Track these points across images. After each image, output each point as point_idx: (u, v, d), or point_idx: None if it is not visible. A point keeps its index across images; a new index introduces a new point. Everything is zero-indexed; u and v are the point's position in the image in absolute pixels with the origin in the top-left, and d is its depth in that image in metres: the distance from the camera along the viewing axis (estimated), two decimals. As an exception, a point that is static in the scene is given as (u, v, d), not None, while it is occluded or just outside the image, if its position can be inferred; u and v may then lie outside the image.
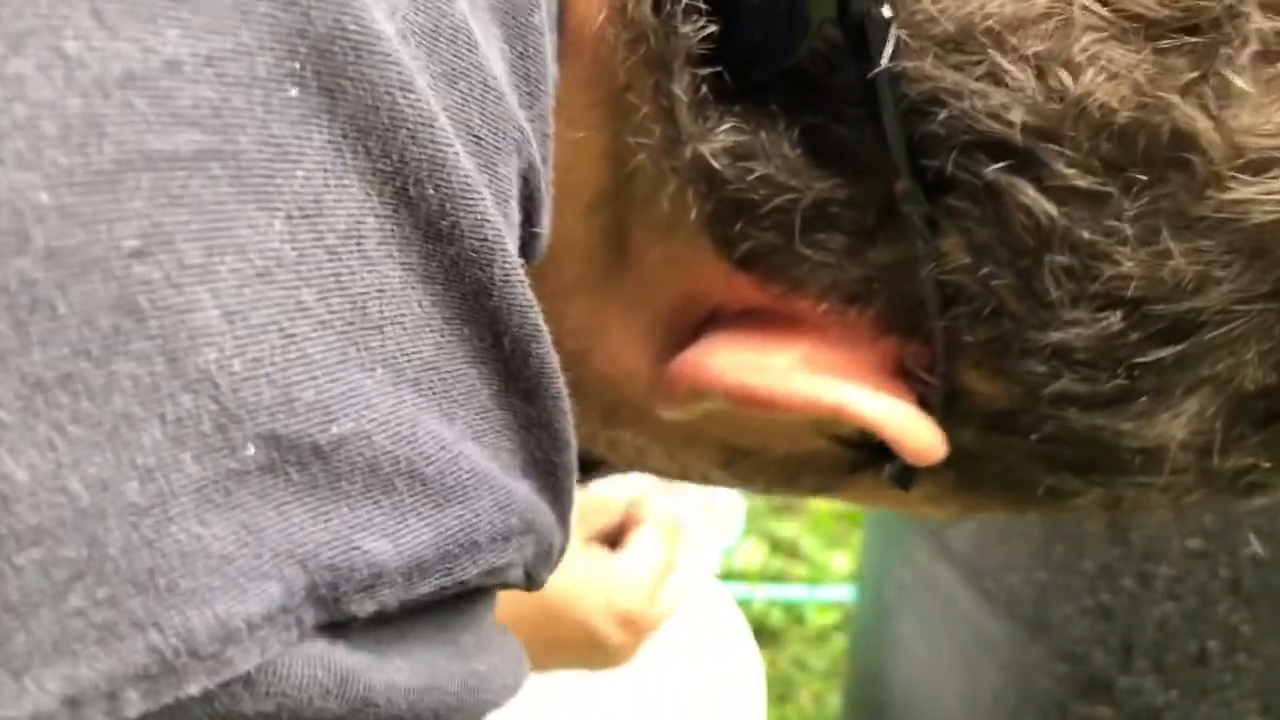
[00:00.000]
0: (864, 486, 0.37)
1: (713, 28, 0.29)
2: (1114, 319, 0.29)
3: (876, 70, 0.28)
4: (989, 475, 0.35)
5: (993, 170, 0.28)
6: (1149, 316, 0.29)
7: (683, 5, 0.30)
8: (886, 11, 0.28)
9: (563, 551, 0.31)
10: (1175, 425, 0.31)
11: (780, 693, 1.61)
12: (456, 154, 0.25)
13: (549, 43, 0.29)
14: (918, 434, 0.32)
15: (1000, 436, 0.33)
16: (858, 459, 0.35)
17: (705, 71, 0.30)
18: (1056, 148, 0.28)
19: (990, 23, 0.28)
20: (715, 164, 0.30)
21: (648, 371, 0.34)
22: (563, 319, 0.32)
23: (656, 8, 0.30)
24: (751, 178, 0.30)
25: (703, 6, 0.30)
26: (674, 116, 0.30)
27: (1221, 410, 0.31)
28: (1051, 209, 0.28)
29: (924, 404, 0.32)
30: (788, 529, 1.94)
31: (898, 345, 0.32)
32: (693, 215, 0.31)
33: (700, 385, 0.32)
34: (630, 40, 0.31)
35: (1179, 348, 0.30)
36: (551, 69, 0.29)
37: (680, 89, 0.30)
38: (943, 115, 0.28)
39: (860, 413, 0.32)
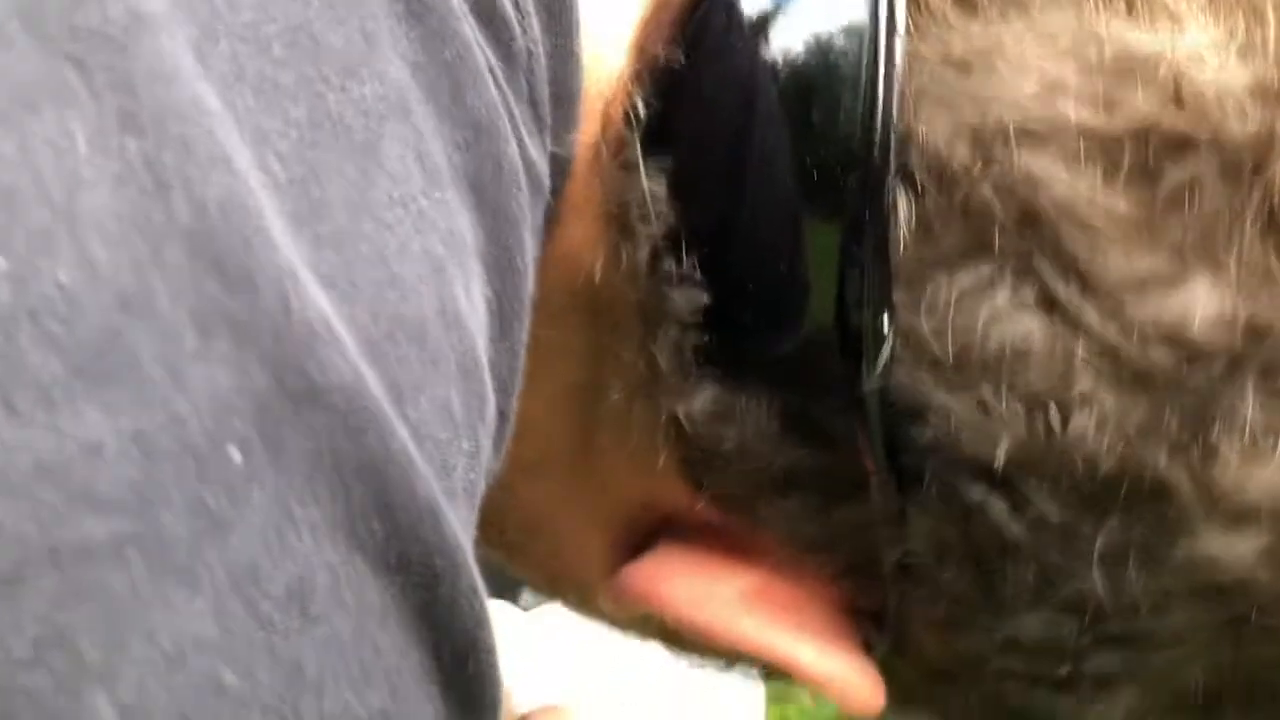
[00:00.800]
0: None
1: (704, 299, 0.30)
2: (1068, 623, 0.30)
3: (866, 381, 0.29)
4: (924, 710, 0.36)
5: (968, 487, 0.29)
6: (1103, 625, 0.30)
7: (677, 274, 0.30)
8: (885, 325, 0.28)
9: None
10: (1112, 713, 0.32)
11: (780, 692, 1.61)
12: (412, 469, 0.24)
13: (529, 278, 0.28)
14: (858, 695, 0.33)
15: (939, 687, 0.34)
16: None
17: (691, 335, 0.30)
18: (1036, 481, 0.29)
19: (991, 354, 0.28)
20: (690, 424, 0.30)
21: (597, 566, 0.34)
22: (517, 496, 0.32)
23: (652, 267, 0.30)
24: (724, 442, 0.30)
25: (698, 277, 0.30)
26: (655, 369, 0.31)
27: (1158, 705, 0.32)
28: (1022, 532, 0.29)
29: (869, 646, 0.33)
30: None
31: (851, 589, 0.32)
32: (661, 456, 0.31)
33: (648, 605, 0.33)
34: (621, 286, 0.31)
35: (1127, 653, 0.31)
36: (528, 303, 0.29)
37: (664, 348, 0.30)
38: (927, 431, 0.29)
39: (806, 671, 0.32)
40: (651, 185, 0.30)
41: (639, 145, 0.30)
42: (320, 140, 0.23)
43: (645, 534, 0.34)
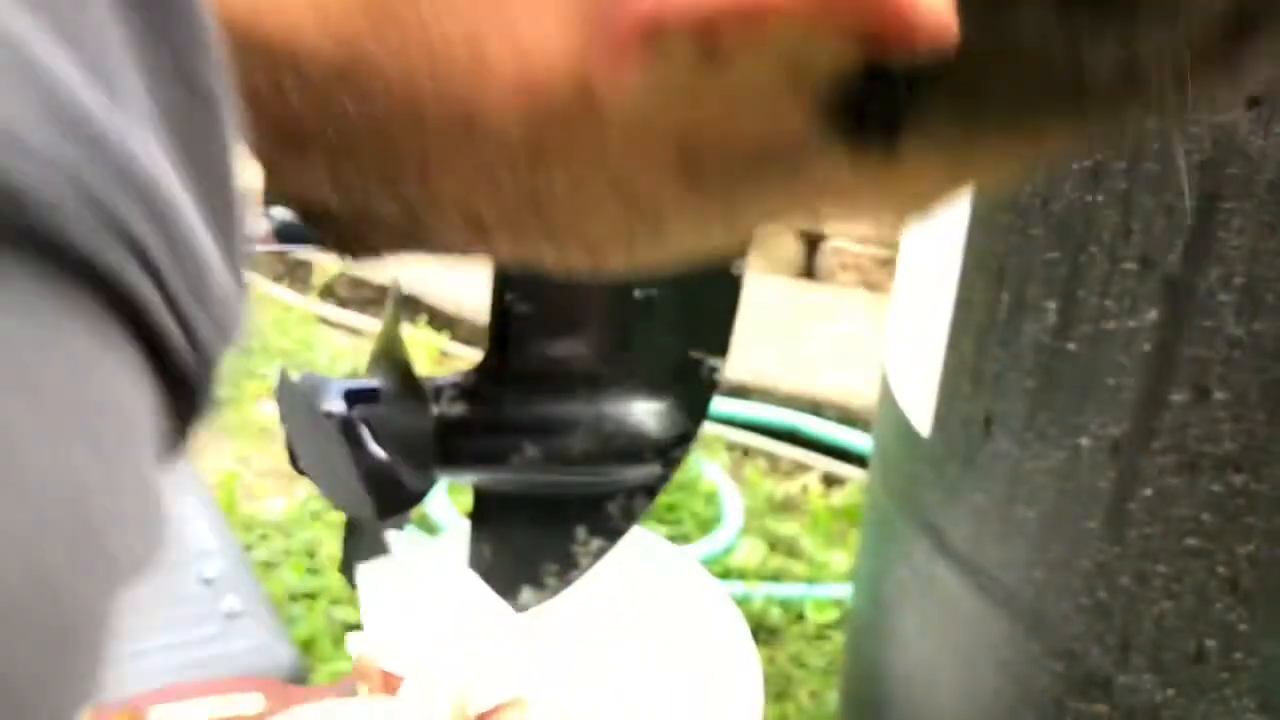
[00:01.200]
0: (838, 175, 0.31)
1: None
2: None
3: None
4: (990, 92, 0.29)
5: None
6: None
7: None
8: None
9: (230, 289, 0.23)
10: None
11: (779, 690, 1.61)
12: None
13: None
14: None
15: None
16: (838, 120, 0.29)
17: None
18: None
19: None
20: None
21: (570, 49, 0.27)
22: (446, 4, 0.26)
23: None
24: None
25: None
26: None
27: None
28: None
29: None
30: (787, 528, 1.94)
31: None
32: None
33: (662, 20, 0.26)
34: None
35: None
36: None
37: None
38: None
39: None
40: None
41: None
42: None
43: None
